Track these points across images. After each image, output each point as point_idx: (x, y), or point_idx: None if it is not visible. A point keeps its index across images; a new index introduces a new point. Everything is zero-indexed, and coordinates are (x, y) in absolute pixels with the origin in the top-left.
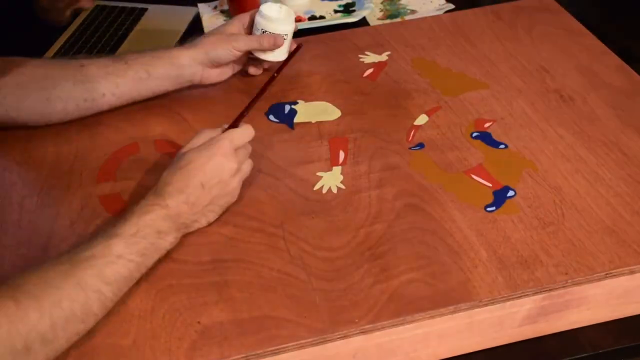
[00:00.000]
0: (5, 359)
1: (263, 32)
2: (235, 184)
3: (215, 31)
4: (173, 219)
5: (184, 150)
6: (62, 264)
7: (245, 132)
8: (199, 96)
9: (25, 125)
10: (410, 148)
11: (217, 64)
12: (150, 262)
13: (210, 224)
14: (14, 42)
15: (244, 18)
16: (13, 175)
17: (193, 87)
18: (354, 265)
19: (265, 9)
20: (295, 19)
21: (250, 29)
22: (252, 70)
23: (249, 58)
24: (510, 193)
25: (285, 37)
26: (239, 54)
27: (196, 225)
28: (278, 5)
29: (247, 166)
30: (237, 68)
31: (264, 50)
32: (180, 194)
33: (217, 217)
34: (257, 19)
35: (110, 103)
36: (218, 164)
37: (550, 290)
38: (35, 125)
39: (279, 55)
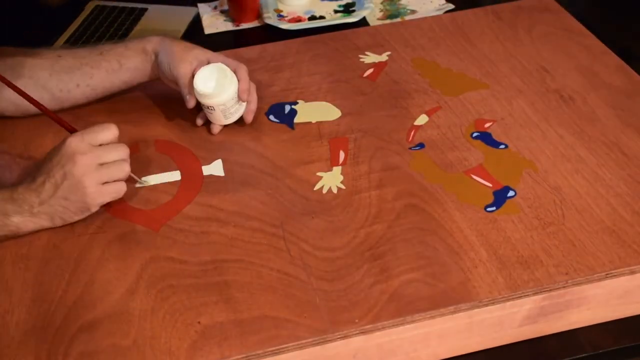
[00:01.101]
0: None
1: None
2: (83, 178)
3: (188, 51)
4: (17, 203)
5: None
6: None
7: (100, 129)
8: None
9: (3, 116)
10: (410, 148)
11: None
12: None
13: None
14: (13, 43)
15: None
16: (13, 176)
17: None
18: (354, 266)
19: (198, 80)
20: (295, 18)
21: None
22: (198, 121)
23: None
24: (511, 193)
25: (211, 109)
26: (179, 89)
27: (47, 220)
28: (215, 72)
29: (114, 168)
30: None
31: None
32: (30, 181)
33: (76, 217)
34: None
35: (86, 94)
36: (63, 155)
37: (550, 290)
38: (12, 116)
39: (216, 120)
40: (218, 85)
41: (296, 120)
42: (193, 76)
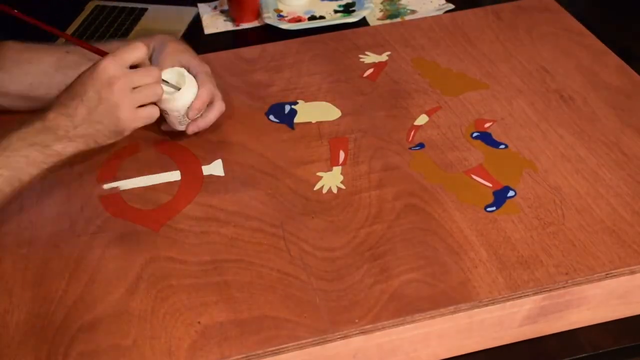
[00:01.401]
0: None
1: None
2: (118, 100)
3: (176, 54)
4: (52, 130)
5: None
6: None
7: (131, 49)
8: None
9: (10, 111)
10: (410, 148)
11: None
12: (26, 175)
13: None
14: None
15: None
16: None
17: None
18: (354, 266)
19: (165, 88)
20: (295, 18)
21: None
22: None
23: None
24: (511, 193)
25: (164, 112)
26: None
27: (83, 144)
28: (174, 77)
29: (147, 91)
30: None
31: None
32: (60, 106)
33: (109, 140)
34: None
35: None
36: (97, 79)
37: (550, 290)
38: (19, 111)
39: (171, 124)
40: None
41: (296, 120)
42: None
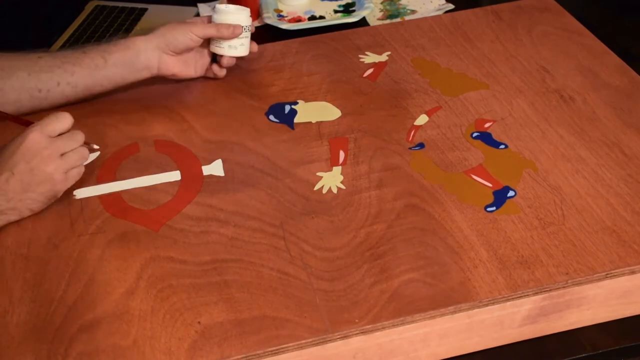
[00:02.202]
0: None
1: None
2: (50, 169)
3: (175, 21)
4: None
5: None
6: None
7: (57, 119)
8: (199, 96)
9: None
10: (410, 148)
11: (175, 50)
12: None
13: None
14: (13, 43)
15: (205, 18)
16: None
17: (193, 87)
18: (354, 265)
19: (219, 5)
20: (295, 18)
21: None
22: (215, 69)
23: (212, 59)
24: (511, 193)
25: (243, 28)
26: (197, 39)
27: (15, 215)
28: (231, 5)
29: (75, 155)
30: (199, 68)
31: (222, 38)
32: None
33: (44, 206)
34: (213, 16)
35: (66, 93)
36: (27, 151)
37: (550, 290)
38: None
39: (239, 50)
40: (239, 8)
41: (296, 120)
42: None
